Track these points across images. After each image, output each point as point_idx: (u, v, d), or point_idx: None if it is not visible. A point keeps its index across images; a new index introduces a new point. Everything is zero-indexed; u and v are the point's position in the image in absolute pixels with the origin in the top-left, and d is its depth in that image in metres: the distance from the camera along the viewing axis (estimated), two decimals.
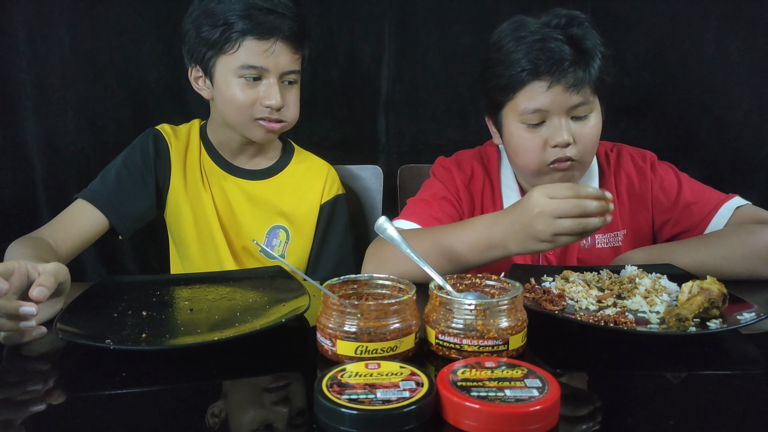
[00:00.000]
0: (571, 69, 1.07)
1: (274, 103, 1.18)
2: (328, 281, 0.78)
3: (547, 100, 1.08)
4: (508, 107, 1.14)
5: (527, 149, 1.13)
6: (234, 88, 1.18)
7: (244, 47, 1.16)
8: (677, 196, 1.19)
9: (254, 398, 0.66)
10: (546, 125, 1.11)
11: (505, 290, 0.79)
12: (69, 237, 1.16)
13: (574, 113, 1.10)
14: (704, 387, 0.70)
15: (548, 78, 1.07)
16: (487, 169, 1.26)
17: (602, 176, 1.24)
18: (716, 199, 1.17)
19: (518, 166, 1.19)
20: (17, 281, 0.78)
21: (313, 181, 1.35)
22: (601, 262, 1.17)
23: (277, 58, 1.18)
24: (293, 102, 1.23)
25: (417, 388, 0.58)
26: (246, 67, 1.17)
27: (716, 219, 1.15)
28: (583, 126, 1.11)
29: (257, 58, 1.17)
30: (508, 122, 1.15)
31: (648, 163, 1.23)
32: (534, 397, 0.57)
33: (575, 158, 1.11)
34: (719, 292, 0.81)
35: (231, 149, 1.31)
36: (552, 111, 1.09)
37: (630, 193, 1.22)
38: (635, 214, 1.21)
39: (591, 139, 1.12)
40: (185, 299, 0.92)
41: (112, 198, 1.22)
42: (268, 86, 1.18)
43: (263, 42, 1.16)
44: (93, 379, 0.70)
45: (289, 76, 1.21)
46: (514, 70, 1.09)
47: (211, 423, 0.60)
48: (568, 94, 1.07)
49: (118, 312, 0.83)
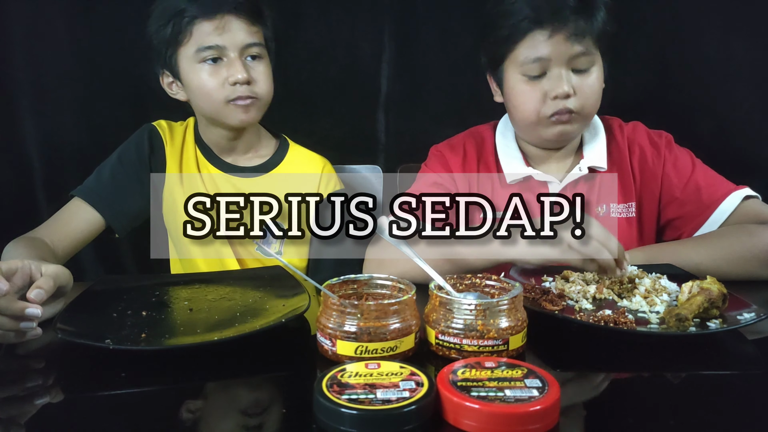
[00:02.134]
0: (573, 17, 1.06)
1: (240, 78, 1.15)
2: (328, 281, 0.78)
3: (549, 49, 1.08)
4: (509, 60, 1.13)
5: (527, 101, 1.12)
6: (199, 76, 1.18)
7: (197, 31, 1.16)
8: (689, 178, 1.18)
9: (254, 398, 0.66)
10: (547, 77, 1.10)
11: (505, 290, 0.79)
12: (65, 236, 1.16)
13: (575, 64, 1.10)
14: (704, 387, 0.70)
15: (550, 26, 1.07)
16: (481, 148, 1.25)
17: (614, 145, 1.23)
18: (726, 187, 1.16)
19: (518, 121, 1.19)
20: (19, 280, 0.78)
21: (308, 176, 1.33)
22: (616, 232, 1.16)
23: (232, 33, 1.16)
24: (262, 76, 1.21)
25: (417, 388, 0.58)
26: (202, 50, 1.16)
27: (723, 205, 1.14)
28: (584, 78, 1.11)
29: (210, 37, 1.16)
30: (509, 76, 1.14)
31: (663, 140, 1.22)
32: (534, 397, 0.57)
33: (575, 110, 1.10)
34: (719, 292, 0.81)
35: (221, 147, 1.30)
36: (553, 60, 1.09)
37: (642, 167, 1.21)
38: (645, 188, 1.21)
39: (592, 91, 1.12)
40: (185, 299, 0.92)
41: (107, 196, 1.22)
42: (229, 63, 1.17)
43: (213, 20, 1.15)
44: (93, 379, 0.70)
45: (250, 50, 1.19)
46: (515, 18, 1.09)
47: (211, 423, 0.60)
48: (570, 43, 1.07)
49: (118, 312, 0.83)
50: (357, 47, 1.60)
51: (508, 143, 1.24)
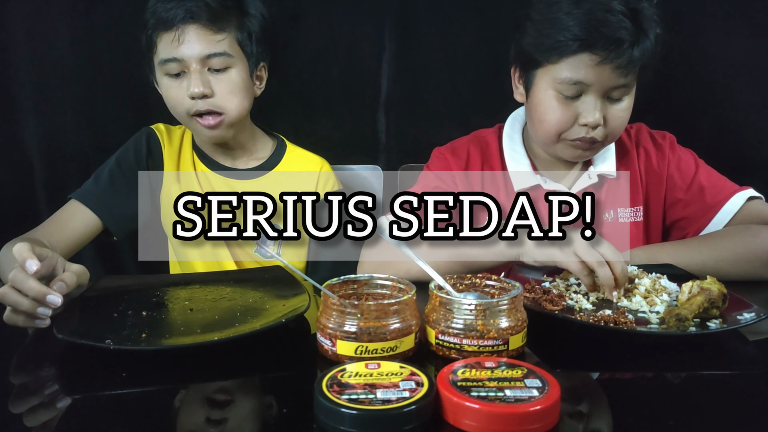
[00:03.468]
0: (628, 49, 0.99)
1: (196, 92, 1.12)
2: (328, 281, 0.78)
3: (592, 76, 1.02)
4: (545, 70, 1.07)
5: (553, 120, 1.08)
6: (165, 88, 1.17)
7: (159, 43, 1.15)
8: (693, 178, 1.18)
9: (254, 398, 0.66)
10: (580, 101, 1.06)
11: (505, 290, 0.79)
12: (63, 238, 1.15)
13: (612, 94, 1.06)
14: (704, 387, 0.70)
15: (601, 54, 1.00)
16: (485, 152, 1.23)
17: (623, 150, 1.21)
18: (730, 188, 1.16)
19: (538, 132, 1.14)
20: (44, 269, 0.79)
21: (305, 177, 1.32)
22: (624, 237, 1.16)
23: (189, 44, 1.12)
24: (227, 89, 1.16)
25: (417, 388, 0.58)
26: (163, 63, 1.15)
27: (727, 206, 1.14)
28: (617, 108, 1.07)
29: (168, 49, 1.13)
30: (541, 86, 1.09)
31: (667, 141, 1.22)
32: (534, 397, 0.57)
33: (599, 139, 1.08)
34: (719, 292, 0.81)
35: (216, 151, 1.29)
36: (593, 87, 1.04)
37: (648, 169, 1.20)
38: (651, 191, 1.20)
39: (621, 122, 1.09)
40: (185, 299, 0.92)
41: (105, 199, 1.22)
42: (188, 76, 1.14)
43: (171, 32, 1.13)
44: (93, 379, 0.70)
45: (211, 61, 1.14)
46: (563, 35, 1.01)
47: (211, 423, 0.60)
48: (616, 75, 1.02)
49: (118, 312, 0.83)
50: (357, 47, 1.60)
51: (516, 147, 1.22)
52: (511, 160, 1.21)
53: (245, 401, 0.66)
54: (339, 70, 1.60)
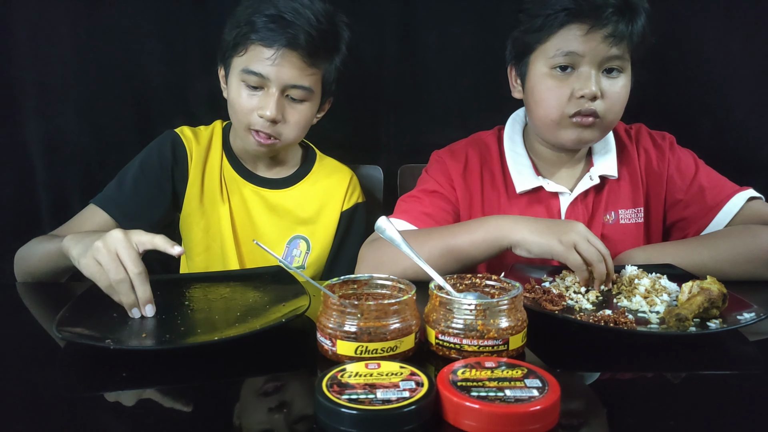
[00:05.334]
0: (615, 18, 1.02)
1: (267, 114, 1.13)
2: (328, 281, 0.78)
3: (583, 45, 1.04)
4: (539, 51, 1.09)
5: (551, 97, 1.09)
6: (236, 91, 1.16)
7: (251, 51, 1.13)
8: (693, 179, 1.18)
9: (254, 398, 0.66)
10: (575, 75, 1.07)
11: (505, 290, 0.79)
12: None
13: (607, 65, 1.06)
14: (704, 387, 0.70)
15: (589, 22, 1.03)
16: (484, 155, 1.23)
17: (623, 151, 1.22)
18: (730, 188, 1.16)
19: (538, 118, 1.14)
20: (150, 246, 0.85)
21: (335, 188, 1.32)
22: (624, 238, 1.16)
23: (280, 68, 1.12)
24: (295, 120, 1.17)
25: (417, 388, 0.58)
26: (247, 72, 1.13)
27: (728, 206, 1.14)
28: (613, 83, 1.07)
29: (258, 64, 1.12)
30: (535, 69, 1.11)
31: (667, 142, 1.22)
32: (534, 397, 0.57)
33: (600, 114, 1.07)
34: (719, 292, 0.81)
35: (248, 155, 1.27)
36: (585, 58, 1.05)
37: (648, 170, 1.21)
38: (651, 191, 1.20)
39: (619, 97, 1.08)
40: (186, 299, 0.92)
41: (128, 207, 1.19)
42: (265, 96, 1.14)
43: (268, 49, 1.12)
44: (93, 379, 0.70)
45: (294, 91, 1.15)
46: (552, 8, 1.05)
47: (211, 423, 0.60)
48: (606, 44, 1.04)
49: (118, 312, 0.83)
50: (358, 48, 1.59)
51: (517, 149, 1.22)
52: (512, 162, 1.21)
53: (245, 401, 0.66)
54: None
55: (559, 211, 1.18)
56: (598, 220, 1.18)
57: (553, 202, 1.18)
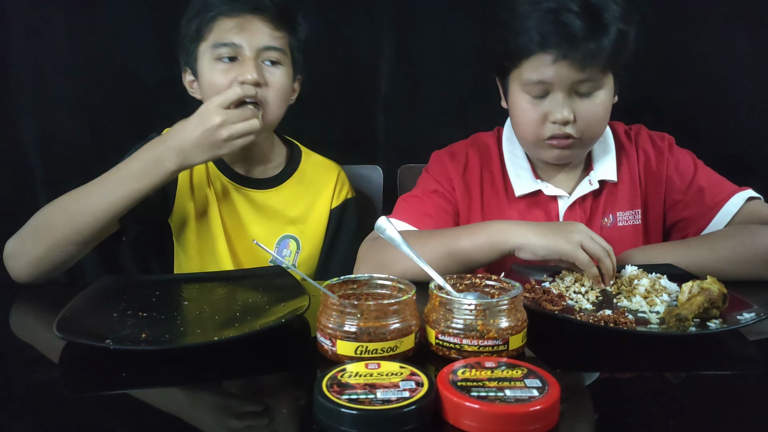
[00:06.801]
0: (582, 45, 1.02)
1: (249, 78, 1.11)
2: (328, 281, 0.78)
3: (551, 73, 1.05)
4: (514, 74, 1.11)
5: (526, 121, 1.11)
6: (212, 73, 1.15)
7: (217, 27, 1.14)
8: (692, 180, 1.18)
9: (254, 398, 0.66)
10: (549, 99, 1.08)
11: (505, 290, 0.79)
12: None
13: (579, 89, 1.07)
14: (704, 387, 0.70)
15: (555, 52, 1.03)
16: (484, 156, 1.23)
17: (623, 152, 1.22)
18: (729, 188, 1.16)
19: (518, 136, 1.17)
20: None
21: (323, 185, 1.31)
22: (622, 240, 1.16)
23: (251, 33, 1.13)
24: (276, 84, 1.16)
25: (417, 388, 0.58)
26: (218, 46, 1.14)
27: (727, 207, 1.14)
28: (588, 103, 1.08)
29: (227, 34, 1.13)
30: (513, 89, 1.13)
31: (666, 143, 1.22)
32: (534, 397, 0.57)
33: (576, 136, 1.09)
34: (719, 292, 0.81)
35: (234, 156, 1.26)
36: (555, 85, 1.06)
37: (647, 171, 1.21)
38: (650, 193, 1.21)
39: (595, 117, 1.09)
40: (185, 299, 0.92)
41: None
42: (241, 63, 1.14)
43: (233, 18, 1.13)
44: (93, 379, 0.70)
45: (268, 53, 1.15)
46: (521, 39, 1.06)
47: (211, 423, 0.60)
48: (575, 70, 1.04)
49: (118, 312, 0.83)
50: (356, 46, 1.59)
51: (516, 152, 1.22)
52: (511, 165, 1.21)
53: (245, 401, 0.65)
54: (337, 69, 1.60)
55: (557, 215, 1.18)
56: (596, 224, 1.18)
57: (552, 206, 1.18)
